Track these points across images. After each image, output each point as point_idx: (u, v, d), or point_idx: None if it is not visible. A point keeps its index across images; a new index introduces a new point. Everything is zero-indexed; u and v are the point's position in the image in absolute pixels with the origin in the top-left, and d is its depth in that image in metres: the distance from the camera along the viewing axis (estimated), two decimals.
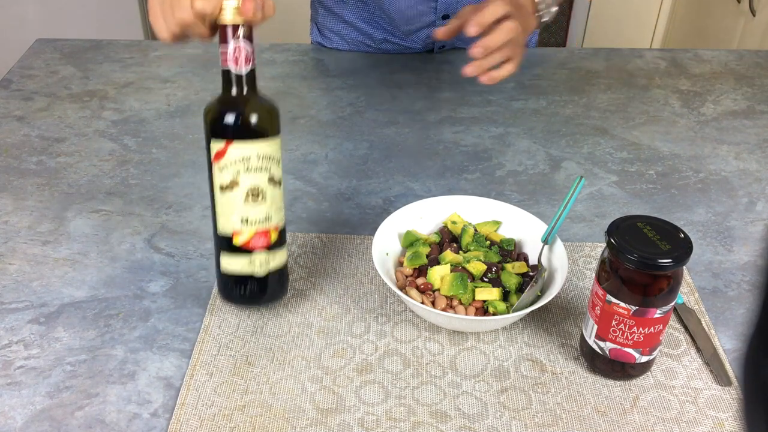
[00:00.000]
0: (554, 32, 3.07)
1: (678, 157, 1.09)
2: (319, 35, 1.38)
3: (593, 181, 1.03)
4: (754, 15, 2.16)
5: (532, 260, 0.85)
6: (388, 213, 0.89)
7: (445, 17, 1.27)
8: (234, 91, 0.73)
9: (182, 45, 1.37)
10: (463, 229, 0.86)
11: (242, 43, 0.71)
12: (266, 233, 0.76)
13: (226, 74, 0.73)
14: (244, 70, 0.72)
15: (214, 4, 0.73)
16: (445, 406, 0.73)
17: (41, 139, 1.11)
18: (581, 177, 0.83)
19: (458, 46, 1.34)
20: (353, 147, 1.10)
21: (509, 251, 0.85)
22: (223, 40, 0.72)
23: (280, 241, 0.78)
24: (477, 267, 0.81)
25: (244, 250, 0.76)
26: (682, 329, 0.81)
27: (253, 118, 0.74)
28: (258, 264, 0.76)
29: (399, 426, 0.71)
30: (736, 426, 0.72)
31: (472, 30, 0.89)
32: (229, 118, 0.73)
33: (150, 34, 2.50)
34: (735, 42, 2.25)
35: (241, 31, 0.71)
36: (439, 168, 1.06)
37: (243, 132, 0.73)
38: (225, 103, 0.74)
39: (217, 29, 0.74)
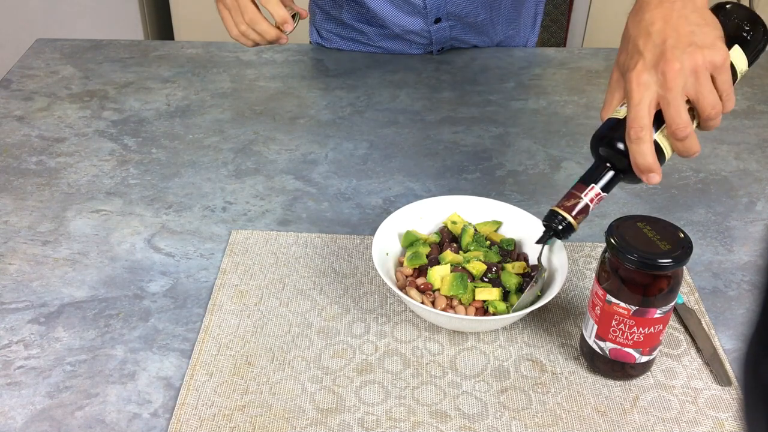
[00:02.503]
0: (554, 32, 3.07)
1: (678, 156, 1.09)
2: (318, 37, 1.38)
3: None
4: None
5: (532, 260, 0.85)
6: (388, 213, 0.89)
7: (437, 21, 1.27)
8: None
9: (182, 45, 1.37)
10: (463, 229, 0.86)
11: None
12: None
13: None
14: None
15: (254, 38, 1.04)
16: (445, 406, 0.73)
17: (41, 139, 1.11)
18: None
19: (458, 46, 1.34)
20: (353, 147, 1.10)
21: (509, 251, 0.85)
22: None
23: None
24: (477, 267, 0.81)
25: None
26: (682, 329, 0.81)
27: None
28: None
29: (399, 426, 0.71)
30: (736, 426, 0.72)
31: (654, 180, 0.72)
32: None
33: (150, 34, 2.51)
34: None
35: None
36: (439, 168, 1.06)
37: None
38: None
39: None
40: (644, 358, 0.74)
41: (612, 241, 0.70)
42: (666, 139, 0.72)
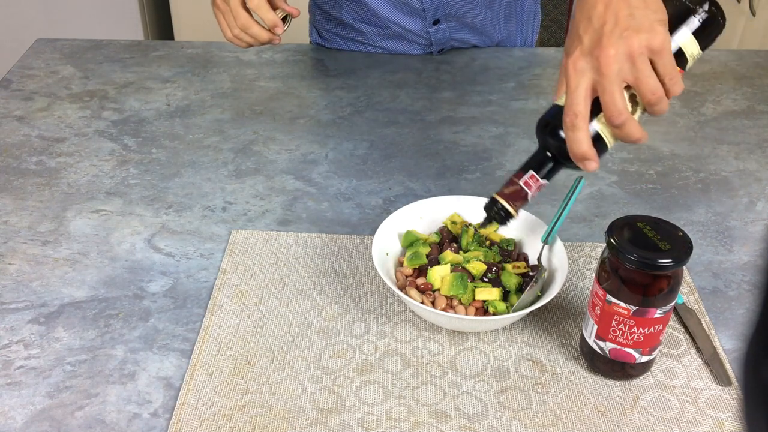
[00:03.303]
0: (554, 32, 3.07)
1: (678, 157, 1.09)
2: (318, 37, 1.38)
3: (593, 181, 1.03)
4: (754, 15, 2.16)
5: (532, 260, 0.85)
6: (388, 213, 0.89)
7: (436, 22, 1.27)
8: None
9: (182, 45, 1.37)
10: (463, 229, 0.86)
11: None
12: None
13: None
14: None
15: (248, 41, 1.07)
16: (445, 406, 0.73)
17: (41, 139, 1.11)
18: (581, 177, 0.82)
19: (458, 46, 1.34)
20: (353, 147, 1.10)
21: (509, 251, 0.85)
22: None
23: None
24: (477, 267, 0.81)
25: None
26: (682, 329, 0.81)
27: None
28: None
29: (399, 426, 0.71)
30: (736, 426, 0.72)
31: (591, 167, 0.72)
32: None
33: (150, 34, 2.51)
34: (735, 42, 2.25)
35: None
36: (439, 168, 1.06)
37: None
38: None
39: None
40: (644, 358, 0.74)
41: (612, 241, 0.70)
42: (606, 126, 0.71)
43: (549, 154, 0.74)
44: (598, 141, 0.71)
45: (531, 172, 0.74)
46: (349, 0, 1.28)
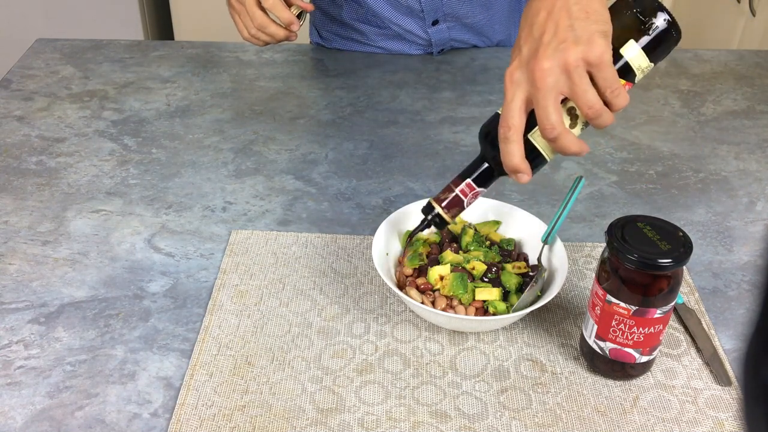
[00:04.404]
0: None
1: (678, 157, 1.09)
2: (318, 37, 1.38)
3: (593, 181, 1.03)
4: (754, 15, 2.16)
5: (532, 260, 0.85)
6: (388, 213, 0.89)
7: (435, 23, 1.27)
8: None
9: (182, 45, 1.37)
10: (463, 229, 0.86)
11: None
12: None
13: None
14: None
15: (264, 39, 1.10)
16: (445, 406, 0.73)
17: (41, 139, 1.11)
18: (581, 177, 0.82)
19: (458, 47, 1.34)
20: (353, 147, 1.10)
21: (509, 251, 0.85)
22: None
23: None
24: (477, 267, 0.81)
25: None
26: (682, 329, 0.81)
27: None
28: None
29: (399, 426, 0.71)
30: (736, 426, 0.72)
31: (523, 179, 0.72)
32: None
33: (150, 34, 2.51)
34: (735, 42, 2.25)
35: None
36: (439, 168, 1.06)
37: None
38: None
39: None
40: (644, 358, 0.74)
41: (612, 241, 0.70)
42: (543, 139, 0.70)
43: (486, 163, 0.74)
44: (534, 154, 0.70)
45: (468, 180, 0.74)
46: (349, 0, 1.28)
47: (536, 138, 0.71)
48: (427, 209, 0.77)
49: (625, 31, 0.70)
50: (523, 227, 0.87)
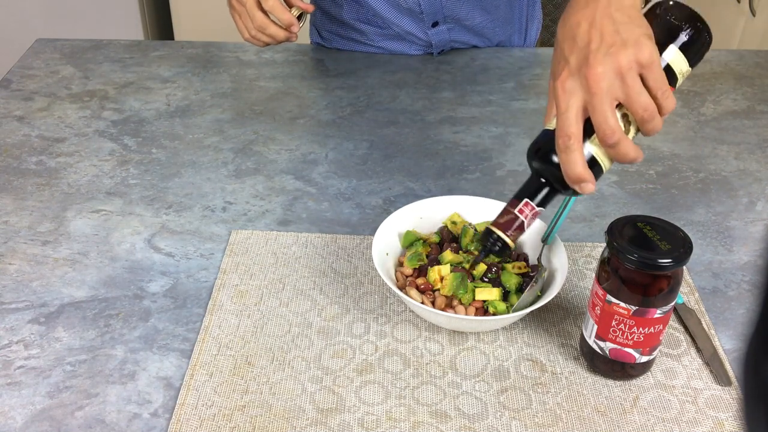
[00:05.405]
0: (554, 32, 3.07)
1: (678, 157, 1.09)
2: (318, 37, 1.38)
3: None
4: (754, 15, 2.16)
5: (532, 260, 0.85)
6: (388, 213, 0.89)
7: (435, 24, 1.27)
8: None
9: (182, 45, 1.37)
10: (463, 229, 0.86)
11: None
12: None
13: None
14: None
15: (264, 41, 1.11)
16: (445, 406, 0.73)
17: (41, 139, 1.11)
18: None
19: (457, 47, 1.34)
20: (353, 147, 1.10)
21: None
22: None
23: None
24: (477, 267, 0.81)
25: None
26: (682, 329, 0.81)
27: None
28: None
29: (399, 426, 0.71)
30: (736, 426, 0.72)
31: (588, 189, 0.69)
32: None
33: (150, 34, 2.50)
34: (735, 42, 2.25)
35: None
36: (439, 168, 1.06)
37: None
38: None
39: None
40: (644, 358, 0.74)
41: (612, 241, 0.70)
42: (600, 148, 0.68)
43: (543, 180, 0.72)
44: (592, 163, 0.69)
45: (525, 200, 0.72)
46: (349, 0, 1.28)
47: (593, 147, 0.69)
48: (486, 236, 0.74)
49: (663, 37, 0.71)
50: None
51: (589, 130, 0.68)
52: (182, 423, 0.71)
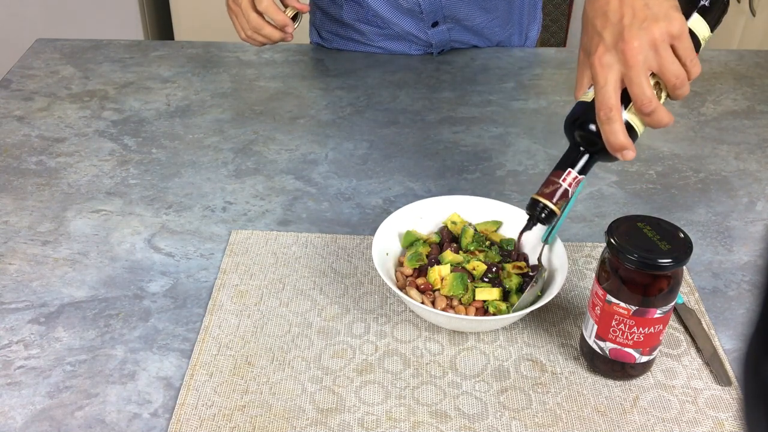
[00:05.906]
0: (554, 32, 3.07)
1: (678, 157, 1.09)
2: (318, 37, 1.38)
3: (593, 181, 1.03)
4: (754, 15, 2.16)
5: (532, 260, 0.85)
6: (388, 213, 0.89)
7: (435, 24, 1.27)
8: None
9: (182, 45, 1.37)
10: (463, 229, 0.86)
11: None
12: None
13: None
14: None
15: (260, 41, 1.12)
16: (445, 406, 0.73)
17: (41, 139, 1.11)
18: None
19: (457, 47, 1.34)
20: (353, 147, 1.10)
21: (509, 251, 0.85)
22: None
23: None
24: (477, 267, 0.81)
25: None
26: (682, 329, 0.81)
27: None
28: None
29: (399, 426, 0.71)
30: (736, 426, 0.72)
31: (629, 156, 0.74)
32: None
33: (150, 34, 2.51)
34: (735, 42, 2.25)
35: None
36: (439, 168, 1.06)
37: None
38: None
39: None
40: (644, 358, 0.74)
41: (612, 241, 0.70)
42: (635, 115, 0.74)
43: (582, 149, 0.77)
44: (629, 130, 0.74)
45: (569, 169, 0.77)
46: (349, 0, 1.28)
47: (629, 115, 0.74)
48: (533, 205, 0.78)
49: (685, 5, 0.75)
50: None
51: (624, 99, 0.73)
52: (182, 423, 0.71)
